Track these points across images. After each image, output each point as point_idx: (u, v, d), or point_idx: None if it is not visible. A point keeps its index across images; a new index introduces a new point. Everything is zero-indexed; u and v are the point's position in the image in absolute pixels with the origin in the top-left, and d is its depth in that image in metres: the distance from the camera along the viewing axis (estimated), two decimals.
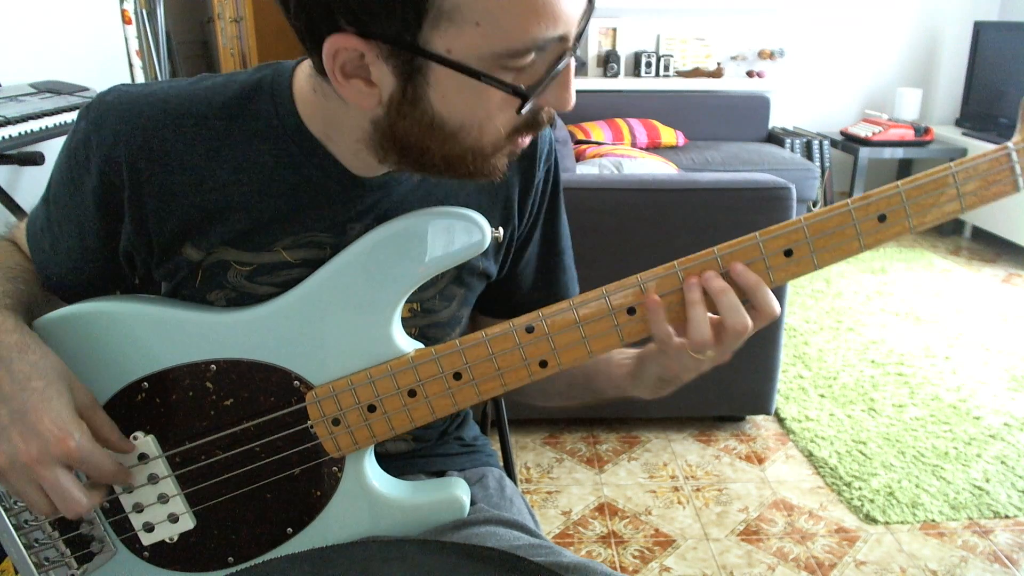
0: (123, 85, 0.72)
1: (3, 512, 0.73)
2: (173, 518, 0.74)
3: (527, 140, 0.67)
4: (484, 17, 0.55)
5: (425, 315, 0.80)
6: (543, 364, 0.70)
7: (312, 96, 0.69)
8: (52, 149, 2.01)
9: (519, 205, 0.82)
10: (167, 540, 0.74)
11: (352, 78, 0.60)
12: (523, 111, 0.60)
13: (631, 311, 0.68)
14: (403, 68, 0.58)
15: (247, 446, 0.73)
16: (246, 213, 0.71)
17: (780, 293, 2.02)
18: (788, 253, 0.66)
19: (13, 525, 0.73)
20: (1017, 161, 0.64)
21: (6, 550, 0.74)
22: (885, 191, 0.65)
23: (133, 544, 0.74)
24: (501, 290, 0.87)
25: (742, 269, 0.66)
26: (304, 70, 0.70)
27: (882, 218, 0.65)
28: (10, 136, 1.82)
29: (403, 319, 0.78)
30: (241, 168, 0.71)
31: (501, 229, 0.73)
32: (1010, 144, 0.64)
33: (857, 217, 0.65)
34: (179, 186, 0.70)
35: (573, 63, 0.61)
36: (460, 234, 0.70)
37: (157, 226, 0.71)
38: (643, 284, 0.67)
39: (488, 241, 0.70)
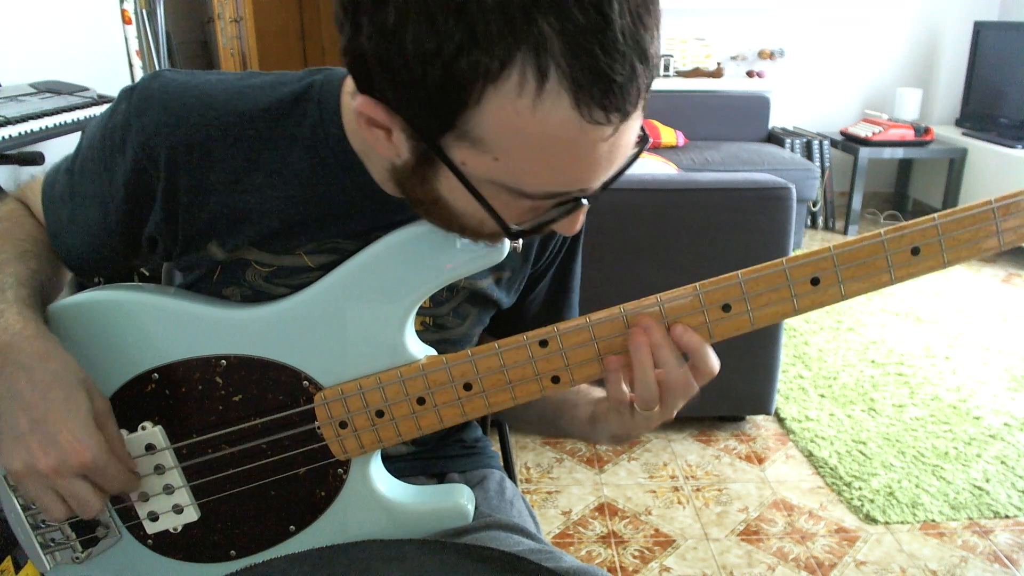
0: (169, 72, 0.71)
1: (12, 493, 0.74)
2: (178, 509, 0.74)
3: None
4: (504, 157, 0.54)
5: (437, 330, 0.80)
6: (555, 380, 0.68)
7: None
8: (52, 149, 2.02)
9: (539, 246, 0.83)
10: (171, 530, 0.75)
11: (375, 128, 0.59)
12: (511, 244, 0.60)
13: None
14: (420, 153, 0.58)
15: (253, 443, 0.73)
16: (275, 217, 0.71)
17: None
18: (815, 282, 0.64)
19: (21, 506, 0.74)
20: None
21: (13, 531, 0.75)
22: (921, 223, 0.62)
23: (137, 532, 0.75)
24: (505, 315, 0.87)
25: (681, 331, 0.65)
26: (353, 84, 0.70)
27: (916, 251, 0.63)
28: (10, 136, 1.82)
29: (416, 332, 0.77)
30: (277, 172, 0.70)
31: (521, 240, 0.72)
32: None
33: (889, 248, 0.63)
34: (214, 183, 0.70)
35: (586, 203, 0.60)
36: (478, 242, 0.69)
37: (186, 219, 0.71)
38: (663, 305, 0.66)
39: (506, 251, 0.69)
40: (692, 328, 0.66)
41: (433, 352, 0.73)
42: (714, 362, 0.66)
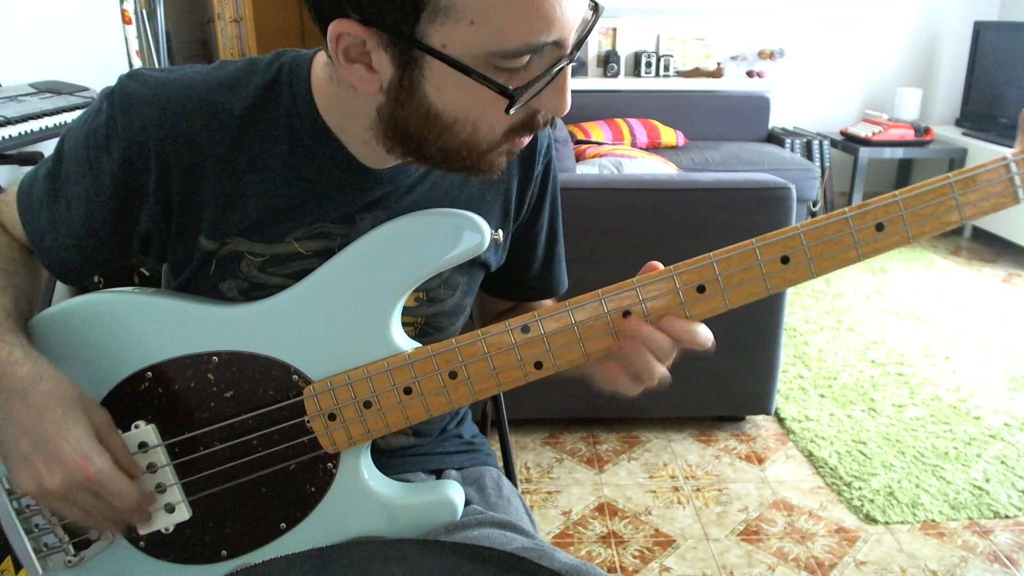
0: (144, 70, 0.73)
1: (5, 496, 0.74)
2: (169, 508, 0.74)
3: (525, 140, 0.68)
4: (478, 16, 0.56)
5: (431, 304, 0.82)
6: (538, 365, 0.70)
7: (328, 85, 0.70)
8: (52, 149, 2.01)
9: (518, 199, 0.85)
10: (163, 530, 0.75)
11: (355, 63, 0.62)
12: (512, 111, 0.61)
13: (627, 314, 0.68)
14: (401, 58, 0.60)
15: (244, 438, 0.74)
16: (261, 201, 0.73)
17: (779, 293, 2.02)
18: (785, 260, 0.66)
19: (15, 510, 0.74)
20: (1017, 172, 0.64)
21: (6, 534, 0.75)
22: (883, 200, 0.65)
23: (129, 533, 0.75)
24: (510, 273, 0.89)
25: (667, 324, 0.67)
26: (322, 59, 0.72)
27: (880, 227, 0.65)
28: (10, 136, 1.82)
29: (409, 308, 0.80)
30: (259, 157, 0.72)
31: (501, 231, 0.75)
32: (1009, 155, 0.64)
33: (854, 225, 0.65)
34: (204, 172, 0.71)
35: (569, 69, 0.62)
36: (460, 236, 0.71)
37: (180, 211, 0.73)
38: (639, 288, 0.68)
39: (487, 244, 0.71)
40: (671, 311, 0.67)
41: (418, 345, 0.74)
42: (706, 336, 0.67)
